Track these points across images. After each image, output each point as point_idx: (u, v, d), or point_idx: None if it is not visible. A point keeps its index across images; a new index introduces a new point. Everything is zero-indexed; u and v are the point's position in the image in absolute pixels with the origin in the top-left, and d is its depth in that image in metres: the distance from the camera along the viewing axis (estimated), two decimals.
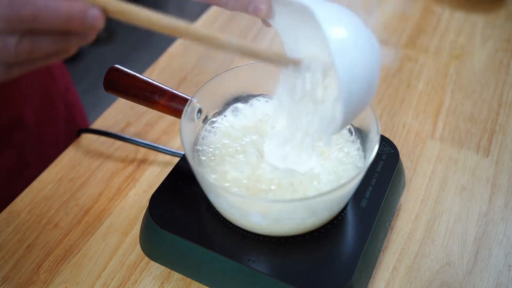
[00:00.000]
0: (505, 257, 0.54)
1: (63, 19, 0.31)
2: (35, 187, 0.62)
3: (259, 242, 0.47)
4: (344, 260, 0.45)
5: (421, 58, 0.80)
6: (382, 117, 0.70)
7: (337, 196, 0.44)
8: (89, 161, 0.65)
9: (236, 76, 0.53)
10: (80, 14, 0.32)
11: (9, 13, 0.30)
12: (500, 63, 0.79)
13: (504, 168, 0.63)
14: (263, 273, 0.44)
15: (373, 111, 0.46)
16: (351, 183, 0.43)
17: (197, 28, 0.36)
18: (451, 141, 0.67)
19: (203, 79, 0.76)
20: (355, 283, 0.44)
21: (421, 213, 0.58)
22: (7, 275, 0.53)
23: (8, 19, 0.31)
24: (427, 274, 0.53)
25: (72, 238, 0.57)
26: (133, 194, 0.61)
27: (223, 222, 0.48)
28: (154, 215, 0.49)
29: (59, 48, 0.33)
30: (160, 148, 0.64)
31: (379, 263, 0.53)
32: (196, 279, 0.50)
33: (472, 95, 0.74)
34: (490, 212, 0.58)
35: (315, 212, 0.44)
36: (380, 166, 0.53)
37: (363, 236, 0.47)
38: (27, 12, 0.31)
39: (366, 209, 0.49)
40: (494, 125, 0.69)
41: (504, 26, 0.86)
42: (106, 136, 0.66)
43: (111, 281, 0.53)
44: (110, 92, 0.54)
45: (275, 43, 0.84)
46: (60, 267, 0.54)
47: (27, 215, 0.59)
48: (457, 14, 0.89)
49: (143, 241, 0.51)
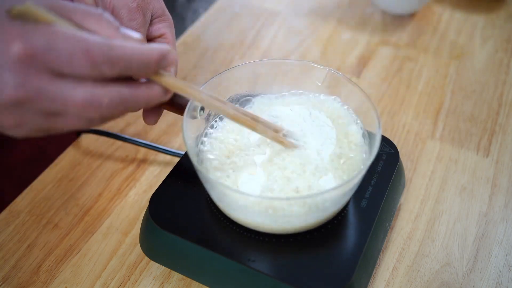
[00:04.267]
0: (505, 257, 0.54)
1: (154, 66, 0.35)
2: (35, 187, 0.62)
3: (259, 242, 0.47)
4: (344, 260, 0.45)
5: (421, 58, 0.80)
6: (382, 117, 0.70)
7: (337, 195, 0.44)
8: (89, 161, 0.65)
9: (238, 74, 0.53)
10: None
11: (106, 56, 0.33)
12: (500, 63, 0.79)
13: (504, 168, 0.63)
14: (263, 273, 0.44)
15: (375, 111, 0.46)
16: (351, 182, 0.43)
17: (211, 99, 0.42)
18: (451, 141, 0.67)
19: (203, 79, 0.76)
20: (355, 283, 0.44)
21: (421, 213, 0.58)
22: (7, 275, 0.53)
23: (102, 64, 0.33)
24: (427, 274, 0.53)
25: (72, 238, 0.57)
26: (133, 194, 0.61)
27: (223, 222, 0.48)
28: (154, 215, 0.49)
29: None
30: (160, 148, 0.64)
31: (379, 263, 0.53)
32: (196, 279, 0.50)
33: (472, 95, 0.74)
34: (490, 212, 0.58)
35: (316, 210, 0.44)
36: (380, 166, 0.53)
37: (363, 236, 0.47)
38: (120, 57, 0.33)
39: (366, 209, 0.49)
40: (494, 125, 0.69)
41: (504, 26, 0.86)
42: (106, 136, 0.66)
43: (111, 281, 0.53)
44: None
45: (275, 43, 0.84)
46: (60, 267, 0.54)
47: (27, 215, 0.59)
48: (457, 14, 0.89)
49: (143, 241, 0.51)
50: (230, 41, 0.85)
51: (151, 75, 0.36)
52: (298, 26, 0.88)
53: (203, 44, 0.84)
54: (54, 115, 0.34)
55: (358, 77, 0.77)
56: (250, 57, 0.81)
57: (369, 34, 0.85)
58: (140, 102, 0.36)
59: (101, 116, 0.34)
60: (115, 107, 0.34)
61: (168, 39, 0.53)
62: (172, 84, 0.37)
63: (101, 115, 0.34)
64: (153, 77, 0.36)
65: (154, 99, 0.36)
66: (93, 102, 0.33)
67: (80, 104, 0.33)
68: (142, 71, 0.35)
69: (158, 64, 0.35)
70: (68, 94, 0.33)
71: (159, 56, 0.35)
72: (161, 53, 0.35)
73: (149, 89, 0.36)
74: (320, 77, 0.53)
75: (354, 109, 0.52)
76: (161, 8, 0.53)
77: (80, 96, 0.33)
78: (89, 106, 0.33)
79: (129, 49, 0.33)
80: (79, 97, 0.33)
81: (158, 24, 0.53)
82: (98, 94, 0.33)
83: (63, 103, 0.33)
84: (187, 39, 0.85)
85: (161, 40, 0.53)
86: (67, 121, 0.34)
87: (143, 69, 0.35)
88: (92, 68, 0.32)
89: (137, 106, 0.36)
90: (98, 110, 0.34)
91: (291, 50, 0.83)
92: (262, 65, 0.54)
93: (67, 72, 0.32)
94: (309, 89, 0.54)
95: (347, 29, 0.86)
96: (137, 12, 0.49)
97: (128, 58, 0.33)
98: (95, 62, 0.32)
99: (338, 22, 0.88)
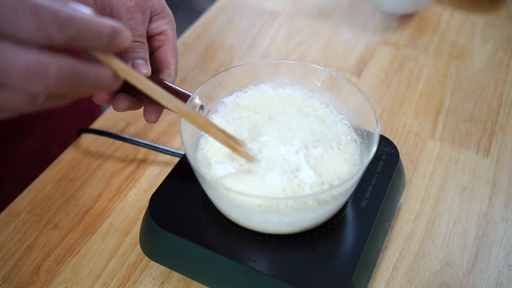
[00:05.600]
0: (505, 257, 0.54)
1: (106, 41, 0.32)
2: (35, 187, 0.62)
3: (259, 242, 0.47)
4: (343, 260, 0.45)
5: (421, 58, 0.80)
6: (382, 117, 0.70)
7: (335, 195, 0.44)
8: (89, 161, 0.65)
9: (238, 74, 0.53)
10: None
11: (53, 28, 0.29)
12: (500, 63, 0.79)
13: (504, 168, 0.63)
14: (263, 273, 0.44)
15: (373, 111, 0.46)
16: (349, 182, 0.43)
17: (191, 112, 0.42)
18: (451, 141, 0.67)
19: (203, 79, 0.76)
20: (355, 283, 0.44)
21: (421, 213, 0.58)
22: (7, 275, 0.53)
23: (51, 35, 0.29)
24: (427, 274, 0.53)
25: (72, 238, 0.57)
26: (133, 194, 0.61)
27: (223, 222, 0.48)
28: (154, 215, 0.49)
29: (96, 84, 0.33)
30: (160, 148, 0.64)
31: (379, 263, 0.53)
32: (196, 279, 0.50)
33: (472, 95, 0.74)
34: (490, 212, 0.58)
35: (315, 211, 0.44)
36: (380, 166, 0.53)
37: (363, 236, 0.47)
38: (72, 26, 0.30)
39: (366, 209, 0.49)
40: (494, 125, 0.69)
41: (504, 26, 0.86)
42: (106, 136, 0.66)
43: (111, 281, 0.53)
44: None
45: (275, 43, 0.84)
46: (60, 267, 0.54)
47: (27, 215, 0.59)
48: (457, 14, 0.89)
49: (143, 241, 0.51)
50: (230, 41, 0.85)
51: (102, 51, 0.33)
52: (298, 26, 0.88)
53: (203, 44, 0.84)
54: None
55: (358, 77, 0.77)
56: (250, 57, 0.81)
57: (369, 34, 0.85)
58: (90, 81, 0.32)
59: (47, 91, 0.30)
60: (63, 80, 0.30)
61: (169, 36, 0.52)
62: (124, 69, 0.34)
63: (46, 87, 0.30)
64: (104, 57, 0.34)
65: (104, 81, 0.33)
66: (38, 68, 0.29)
67: (24, 69, 0.29)
68: (93, 42, 0.31)
69: (110, 38, 0.32)
70: (11, 56, 0.29)
71: (112, 30, 0.32)
72: (113, 28, 0.32)
73: (100, 69, 0.32)
74: (320, 77, 0.53)
75: (354, 109, 0.52)
76: (161, 5, 0.53)
77: (25, 60, 0.29)
78: (34, 73, 0.29)
79: (80, 15, 0.30)
80: (23, 61, 0.29)
81: (158, 21, 0.52)
82: (44, 60, 0.29)
83: (5, 67, 0.29)
84: (187, 39, 0.85)
85: (162, 37, 0.52)
86: (7, 94, 0.30)
87: (94, 40, 0.31)
88: (38, 29, 0.29)
89: (86, 85, 0.32)
90: (43, 81, 0.30)
91: (291, 50, 0.83)
92: (262, 65, 0.54)
93: (11, 32, 0.29)
94: (309, 89, 0.54)
95: (347, 29, 0.86)
96: (135, 11, 0.49)
97: (79, 23, 0.30)
98: (42, 23, 0.29)
99: (338, 22, 0.88)
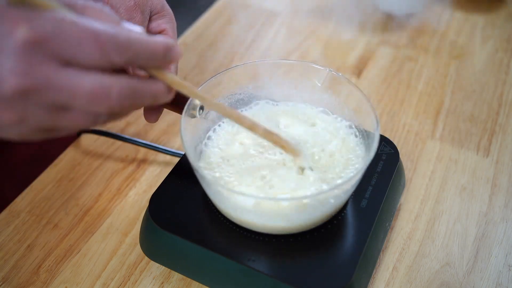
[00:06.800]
0: (505, 257, 0.54)
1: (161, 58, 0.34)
2: (35, 187, 0.62)
3: (259, 242, 0.47)
4: (344, 260, 0.45)
5: (421, 58, 0.80)
6: (382, 117, 0.70)
7: (335, 195, 0.44)
8: (89, 161, 0.65)
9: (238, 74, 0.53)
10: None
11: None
12: (500, 63, 0.79)
13: (504, 168, 0.63)
14: (263, 273, 0.44)
15: (373, 111, 0.46)
16: (349, 182, 0.43)
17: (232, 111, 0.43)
18: (451, 141, 0.67)
19: (203, 79, 0.76)
20: (355, 283, 0.44)
21: (421, 213, 0.58)
22: (7, 275, 0.53)
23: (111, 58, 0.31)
24: (427, 274, 0.53)
25: (72, 238, 0.57)
26: (133, 194, 0.61)
27: (223, 222, 0.48)
28: (154, 215, 0.49)
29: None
30: (160, 148, 0.64)
31: (379, 263, 0.53)
32: (196, 279, 0.50)
33: (472, 95, 0.74)
34: (490, 212, 0.58)
35: (314, 210, 0.44)
36: (380, 166, 0.53)
37: (363, 236, 0.47)
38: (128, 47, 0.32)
39: (366, 209, 0.49)
40: (494, 125, 0.69)
41: (504, 26, 0.86)
42: (106, 136, 0.66)
43: (111, 281, 0.53)
44: None
45: (275, 43, 0.84)
46: (60, 267, 0.54)
47: (27, 215, 0.59)
48: (457, 14, 0.89)
49: (143, 241, 0.51)
50: (230, 41, 0.85)
51: (157, 68, 0.35)
52: (298, 26, 0.88)
53: (203, 44, 0.84)
54: (60, 110, 0.32)
55: (358, 77, 0.77)
56: (250, 57, 0.81)
57: (369, 34, 0.85)
58: (147, 97, 0.34)
59: (109, 111, 0.32)
60: (124, 98, 0.32)
61: (169, 35, 0.52)
62: (176, 82, 0.37)
63: (109, 108, 0.32)
64: (157, 73, 0.36)
65: (159, 95, 0.35)
66: (102, 91, 0.31)
67: (89, 93, 0.31)
68: (149, 61, 0.34)
69: (165, 55, 0.34)
70: (77, 82, 0.31)
71: (165, 48, 0.34)
72: (167, 45, 0.34)
73: (155, 84, 0.35)
74: (320, 77, 0.53)
75: (354, 109, 0.52)
76: (160, 4, 0.53)
77: (89, 85, 0.31)
78: (98, 95, 0.31)
79: (136, 38, 0.32)
80: (88, 85, 0.31)
81: (158, 20, 0.52)
82: (107, 83, 0.31)
83: (71, 92, 0.31)
84: (187, 39, 0.85)
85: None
86: (72, 117, 0.32)
87: (151, 59, 0.33)
88: (101, 55, 0.31)
89: (144, 100, 0.34)
90: (107, 102, 0.32)
91: (291, 50, 0.83)
92: (262, 65, 0.54)
93: (75, 59, 0.31)
94: (309, 89, 0.54)
95: (347, 29, 0.86)
96: (135, 10, 0.49)
97: (136, 46, 0.32)
98: (104, 49, 0.31)
99: (338, 22, 0.88)
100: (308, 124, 0.53)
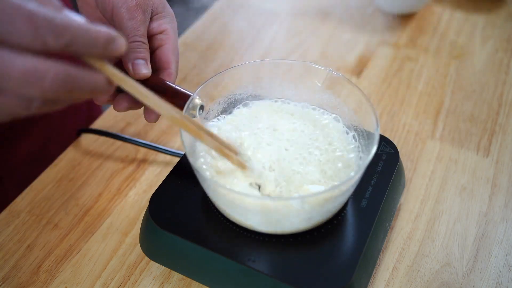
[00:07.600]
0: (505, 257, 0.54)
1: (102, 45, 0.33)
2: (35, 187, 0.62)
3: (259, 242, 0.47)
4: (344, 260, 0.45)
5: (421, 58, 0.80)
6: (382, 117, 0.70)
7: (335, 195, 0.44)
8: (89, 161, 0.65)
9: (238, 74, 0.53)
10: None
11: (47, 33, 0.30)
12: (500, 63, 0.79)
13: (504, 168, 0.63)
14: (263, 273, 0.44)
15: (373, 110, 0.46)
16: (349, 182, 0.43)
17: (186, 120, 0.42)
18: (451, 141, 0.67)
19: (203, 79, 0.76)
20: (355, 283, 0.44)
21: (421, 213, 0.58)
22: (7, 275, 0.53)
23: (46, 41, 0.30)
24: (427, 274, 0.53)
25: (72, 238, 0.57)
26: (133, 194, 0.61)
27: (223, 222, 0.48)
28: (154, 215, 0.49)
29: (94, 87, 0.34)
30: (160, 148, 0.64)
31: (379, 263, 0.53)
32: (196, 279, 0.50)
33: (472, 95, 0.74)
34: (490, 212, 0.58)
35: (314, 211, 0.44)
36: (380, 166, 0.53)
37: (363, 236, 0.47)
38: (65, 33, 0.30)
39: (366, 209, 0.49)
40: (494, 125, 0.69)
41: (504, 26, 0.86)
42: (106, 136, 0.66)
43: (111, 281, 0.53)
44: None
45: (275, 43, 0.84)
46: (60, 267, 0.54)
47: (27, 215, 0.59)
48: (457, 14, 0.89)
49: (143, 241, 0.51)
50: (230, 41, 0.85)
51: (96, 58, 0.34)
52: (298, 26, 0.88)
53: (203, 44, 0.84)
54: None
55: (358, 77, 0.77)
56: (250, 57, 0.81)
57: (369, 34, 0.85)
58: (85, 87, 0.32)
59: (42, 95, 0.31)
60: (59, 85, 0.31)
61: (169, 35, 0.52)
62: (117, 75, 0.35)
63: (43, 93, 0.31)
64: (97, 63, 0.34)
65: (98, 87, 0.33)
66: (35, 74, 0.30)
67: (21, 73, 0.29)
68: (88, 49, 0.32)
69: (105, 46, 0.32)
70: (8, 62, 0.29)
71: (107, 38, 0.32)
72: (109, 35, 0.32)
73: (95, 75, 0.33)
74: (320, 77, 0.53)
75: (354, 109, 0.52)
76: (162, 4, 0.53)
77: (21, 65, 0.29)
78: (31, 77, 0.30)
79: (75, 23, 0.31)
80: (20, 65, 0.29)
81: (159, 20, 0.52)
82: (41, 66, 0.30)
83: (1, 72, 0.29)
84: (187, 39, 0.85)
85: (162, 36, 0.52)
86: (3, 100, 0.31)
87: (90, 47, 0.32)
88: (34, 36, 0.29)
89: (82, 90, 0.32)
90: (40, 85, 0.30)
91: (291, 50, 0.83)
92: (262, 65, 0.54)
93: (8, 39, 0.29)
94: (309, 89, 0.54)
95: (347, 29, 0.86)
96: (136, 10, 0.49)
97: (73, 30, 0.31)
98: (38, 29, 0.29)
99: (338, 22, 0.88)
100: (308, 124, 0.53)
